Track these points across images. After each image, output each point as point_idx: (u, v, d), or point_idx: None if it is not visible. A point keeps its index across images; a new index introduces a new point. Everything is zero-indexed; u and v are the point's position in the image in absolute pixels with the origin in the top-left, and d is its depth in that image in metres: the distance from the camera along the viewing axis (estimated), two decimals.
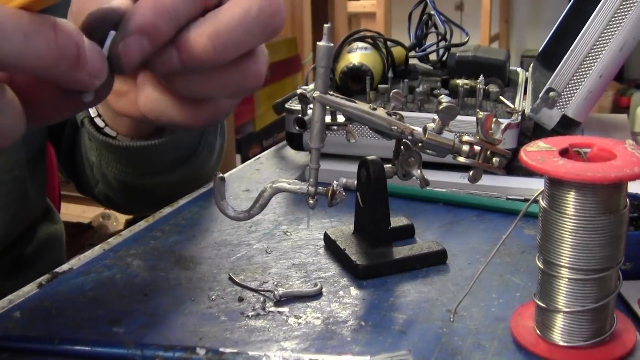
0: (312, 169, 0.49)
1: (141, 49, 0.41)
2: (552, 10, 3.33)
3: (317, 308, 0.46)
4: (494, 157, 0.51)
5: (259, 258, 0.53)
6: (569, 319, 0.40)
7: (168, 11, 0.42)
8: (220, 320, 0.45)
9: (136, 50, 0.41)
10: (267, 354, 0.40)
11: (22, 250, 0.72)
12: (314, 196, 0.48)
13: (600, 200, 0.38)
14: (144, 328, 0.44)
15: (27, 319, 0.45)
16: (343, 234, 0.54)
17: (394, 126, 0.50)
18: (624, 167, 0.37)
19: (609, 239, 0.38)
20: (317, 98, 0.48)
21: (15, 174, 0.65)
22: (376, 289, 0.49)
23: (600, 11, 0.65)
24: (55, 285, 0.50)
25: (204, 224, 0.60)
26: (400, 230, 0.55)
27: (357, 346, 0.42)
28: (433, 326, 0.44)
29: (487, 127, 0.50)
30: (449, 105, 0.49)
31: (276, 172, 0.73)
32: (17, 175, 0.66)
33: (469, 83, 0.74)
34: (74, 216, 2.68)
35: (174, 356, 0.41)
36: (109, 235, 1.24)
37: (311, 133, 0.49)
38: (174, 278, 0.51)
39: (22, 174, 0.66)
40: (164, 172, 0.65)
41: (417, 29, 0.86)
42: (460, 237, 0.56)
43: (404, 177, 0.53)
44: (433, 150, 0.51)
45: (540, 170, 0.38)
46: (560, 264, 0.39)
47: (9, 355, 0.42)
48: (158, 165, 0.65)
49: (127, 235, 0.58)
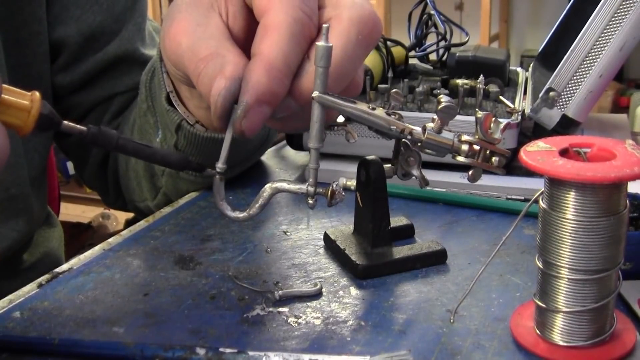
0: (312, 169, 0.49)
1: (262, 116, 0.43)
2: (552, 10, 3.32)
3: (317, 308, 0.46)
4: (494, 157, 0.51)
5: (259, 258, 0.53)
6: (569, 319, 0.40)
7: (281, 70, 0.43)
8: (220, 320, 0.45)
9: (257, 121, 0.43)
10: (267, 354, 0.40)
11: (20, 256, 0.72)
12: (313, 196, 0.48)
13: (600, 201, 0.38)
14: (144, 328, 0.44)
15: (27, 319, 0.45)
16: (343, 234, 0.54)
17: (394, 126, 0.50)
18: (624, 167, 0.37)
19: (609, 239, 0.38)
20: (316, 98, 0.48)
21: (18, 191, 0.66)
22: (376, 289, 0.49)
23: (600, 11, 0.65)
24: (55, 285, 0.50)
25: (204, 224, 0.60)
26: (400, 230, 0.55)
27: (357, 346, 0.42)
28: (433, 326, 0.44)
29: (486, 127, 0.50)
30: (448, 105, 0.49)
31: (276, 172, 0.73)
32: (22, 192, 0.66)
33: (469, 83, 0.74)
34: (74, 216, 2.68)
35: (174, 356, 0.41)
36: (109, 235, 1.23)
37: (310, 133, 0.49)
38: (174, 278, 0.51)
39: (26, 191, 0.67)
40: (246, 160, 0.68)
41: (417, 28, 0.86)
42: (460, 237, 0.56)
43: (404, 177, 0.53)
44: (432, 150, 0.51)
45: (540, 170, 0.38)
46: (560, 265, 0.39)
47: (9, 355, 0.42)
48: (242, 154, 0.67)
49: (127, 235, 0.58)
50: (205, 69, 0.45)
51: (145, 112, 0.64)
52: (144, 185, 0.69)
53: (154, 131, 0.63)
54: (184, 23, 0.47)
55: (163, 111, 0.59)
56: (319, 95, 0.48)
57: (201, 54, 0.45)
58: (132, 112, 0.70)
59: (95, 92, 0.73)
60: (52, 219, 0.81)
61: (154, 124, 0.63)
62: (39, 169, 0.70)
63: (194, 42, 0.46)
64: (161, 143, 0.62)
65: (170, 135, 0.60)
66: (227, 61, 0.44)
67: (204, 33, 0.47)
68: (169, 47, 0.48)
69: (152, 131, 0.63)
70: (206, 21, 0.47)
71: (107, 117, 0.74)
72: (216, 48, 0.45)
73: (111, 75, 0.72)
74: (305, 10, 0.45)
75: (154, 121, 0.63)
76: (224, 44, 0.46)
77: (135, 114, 0.68)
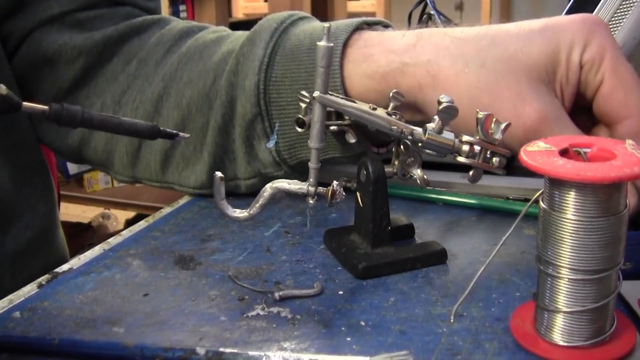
0: (312, 169, 0.49)
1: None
2: (552, 10, 3.32)
3: (317, 308, 0.46)
4: (494, 157, 0.51)
5: (259, 258, 0.53)
6: (569, 319, 0.40)
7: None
8: (220, 320, 0.45)
9: None
10: (267, 354, 0.40)
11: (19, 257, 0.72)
12: (314, 196, 0.48)
13: (600, 201, 0.38)
14: (144, 328, 0.44)
15: (27, 319, 0.45)
16: (343, 234, 0.54)
17: (394, 126, 0.50)
18: (624, 167, 0.37)
19: (609, 239, 0.38)
20: (317, 98, 0.48)
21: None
22: (376, 289, 0.49)
23: (600, 11, 0.65)
24: (55, 285, 0.50)
25: (204, 224, 0.60)
26: (400, 230, 0.55)
27: (357, 346, 0.42)
28: (433, 326, 0.44)
29: (487, 127, 0.50)
30: (449, 105, 0.49)
31: None
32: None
33: None
34: (74, 216, 2.68)
35: (174, 356, 0.41)
36: (109, 235, 1.24)
37: (311, 133, 0.49)
38: (174, 278, 0.51)
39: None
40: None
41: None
42: (460, 237, 0.56)
43: (404, 177, 0.53)
44: (433, 150, 0.51)
45: (540, 171, 0.38)
46: (560, 265, 0.39)
47: (9, 355, 0.42)
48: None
49: (127, 235, 0.58)
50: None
51: (251, 118, 0.61)
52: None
53: (260, 137, 0.61)
54: (538, 107, 0.50)
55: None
56: (320, 95, 0.48)
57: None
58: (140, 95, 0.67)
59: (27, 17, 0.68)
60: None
61: (262, 130, 0.61)
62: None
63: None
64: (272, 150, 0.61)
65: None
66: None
67: (567, 128, 0.50)
68: (525, 134, 0.50)
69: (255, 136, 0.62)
70: (559, 111, 0.51)
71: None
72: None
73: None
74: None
75: (262, 128, 0.61)
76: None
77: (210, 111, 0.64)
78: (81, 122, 0.42)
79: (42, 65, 0.68)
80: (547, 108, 0.50)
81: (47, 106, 0.41)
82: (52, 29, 0.68)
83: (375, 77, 0.55)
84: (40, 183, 0.72)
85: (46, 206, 0.72)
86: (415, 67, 0.53)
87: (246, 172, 0.63)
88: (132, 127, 0.44)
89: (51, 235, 0.74)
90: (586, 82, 0.51)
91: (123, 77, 0.68)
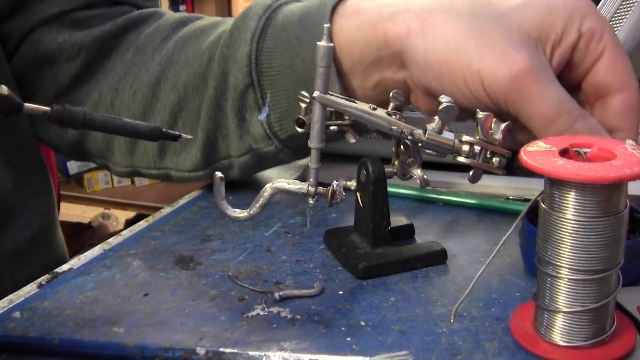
0: (312, 169, 0.49)
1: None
2: None
3: (317, 308, 0.46)
4: (494, 157, 0.51)
5: (259, 258, 0.53)
6: (569, 319, 0.40)
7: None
8: (220, 320, 0.45)
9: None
10: (267, 354, 0.40)
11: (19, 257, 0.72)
12: (314, 196, 0.48)
13: (600, 201, 0.38)
14: (144, 328, 0.44)
15: (27, 319, 0.46)
16: (343, 234, 0.54)
17: (394, 126, 0.50)
18: (624, 167, 0.37)
19: (609, 239, 0.38)
20: (317, 98, 0.48)
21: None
22: (376, 289, 0.49)
23: (600, 11, 0.65)
24: (55, 285, 0.50)
25: (204, 224, 0.60)
26: (400, 230, 0.55)
27: (357, 346, 0.42)
28: (433, 326, 0.44)
29: (487, 127, 0.50)
30: (448, 105, 0.49)
31: (276, 172, 0.73)
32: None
33: None
34: (74, 216, 2.68)
35: (174, 356, 0.41)
36: (109, 235, 1.24)
37: (311, 133, 0.49)
38: (174, 278, 0.51)
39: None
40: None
41: None
42: (460, 237, 0.56)
43: (404, 177, 0.53)
44: (433, 150, 0.51)
45: (540, 171, 0.38)
46: (560, 265, 0.39)
47: (9, 355, 0.42)
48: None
49: (127, 235, 0.58)
50: (575, 125, 0.49)
51: (243, 89, 0.61)
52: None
53: (251, 109, 0.61)
54: (526, 56, 0.49)
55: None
56: (320, 95, 0.48)
57: (568, 107, 0.49)
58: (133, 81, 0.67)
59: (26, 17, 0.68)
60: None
61: (254, 102, 0.61)
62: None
63: (557, 92, 0.49)
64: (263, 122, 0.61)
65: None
66: (598, 129, 0.49)
67: (553, 83, 0.50)
68: (509, 88, 0.50)
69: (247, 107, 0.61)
70: (547, 67, 0.50)
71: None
72: (579, 109, 0.49)
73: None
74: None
75: (254, 99, 0.60)
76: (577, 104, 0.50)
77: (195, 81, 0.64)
78: (83, 123, 0.41)
79: (42, 64, 0.68)
80: (535, 61, 0.49)
81: (49, 107, 0.41)
82: (51, 28, 0.68)
83: (364, 27, 0.55)
84: (39, 182, 0.72)
85: (45, 205, 0.72)
86: (405, 13, 0.53)
87: (238, 148, 0.63)
88: (134, 129, 0.44)
89: (50, 234, 0.74)
90: (586, 51, 0.51)
91: (120, 65, 0.68)
